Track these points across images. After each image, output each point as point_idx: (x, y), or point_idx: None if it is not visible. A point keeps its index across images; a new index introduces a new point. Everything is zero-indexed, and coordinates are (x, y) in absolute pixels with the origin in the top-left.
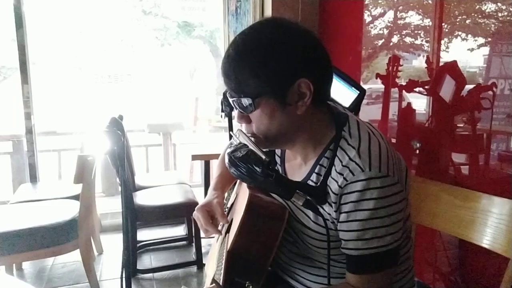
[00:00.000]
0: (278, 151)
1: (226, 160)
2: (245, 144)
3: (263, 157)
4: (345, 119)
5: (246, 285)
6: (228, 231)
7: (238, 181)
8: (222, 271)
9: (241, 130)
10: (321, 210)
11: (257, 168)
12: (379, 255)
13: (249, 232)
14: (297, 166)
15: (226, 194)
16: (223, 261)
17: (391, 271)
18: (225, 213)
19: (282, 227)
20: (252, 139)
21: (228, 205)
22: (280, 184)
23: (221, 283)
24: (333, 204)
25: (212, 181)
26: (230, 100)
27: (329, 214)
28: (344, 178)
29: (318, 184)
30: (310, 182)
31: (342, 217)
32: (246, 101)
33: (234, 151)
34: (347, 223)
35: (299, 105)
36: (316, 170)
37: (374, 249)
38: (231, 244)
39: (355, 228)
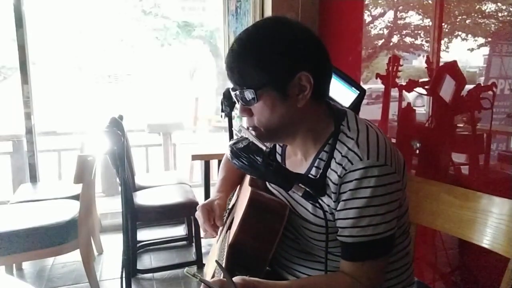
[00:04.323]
0: (279, 149)
1: (228, 152)
2: (247, 137)
3: (264, 147)
4: (343, 115)
5: None
6: (229, 228)
7: (239, 186)
8: (224, 263)
9: (242, 126)
10: (320, 202)
11: (258, 158)
12: (373, 243)
13: (250, 227)
14: (298, 163)
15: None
16: (225, 255)
17: (384, 259)
18: (226, 215)
19: (283, 223)
20: (253, 132)
21: (229, 207)
22: (280, 174)
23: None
24: (332, 195)
25: (216, 184)
26: (233, 93)
27: (328, 205)
28: (343, 168)
29: (318, 176)
30: (310, 176)
31: (340, 205)
32: (248, 93)
33: (236, 143)
34: (344, 211)
35: (299, 98)
36: (315, 164)
37: (368, 237)
38: (232, 238)
39: (351, 216)
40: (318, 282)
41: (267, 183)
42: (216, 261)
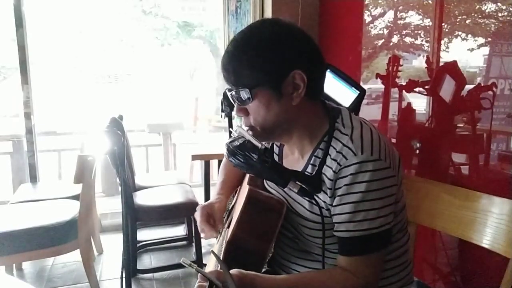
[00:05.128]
0: (276, 149)
1: (225, 150)
2: (243, 136)
3: (259, 145)
4: (338, 113)
5: None
6: (229, 226)
7: (239, 188)
8: (221, 259)
9: (239, 126)
10: (316, 198)
11: (253, 155)
12: (369, 237)
13: (248, 224)
14: (295, 161)
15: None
16: (222, 252)
17: (381, 254)
18: (225, 216)
19: (280, 220)
20: (250, 132)
21: (229, 208)
22: (276, 171)
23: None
24: (328, 191)
25: (216, 186)
26: (229, 94)
27: (324, 202)
28: (338, 163)
29: (313, 173)
30: (306, 173)
31: (336, 200)
32: (243, 93)
33: (232, 141)
34: (340, 206)
35: (294, 96)
36: (311, 162)
37: (364, 231)
38: (230, 235)
39: (347, 211)
40: (315, 276)
41: (265, 182)
42: (212, 251)
